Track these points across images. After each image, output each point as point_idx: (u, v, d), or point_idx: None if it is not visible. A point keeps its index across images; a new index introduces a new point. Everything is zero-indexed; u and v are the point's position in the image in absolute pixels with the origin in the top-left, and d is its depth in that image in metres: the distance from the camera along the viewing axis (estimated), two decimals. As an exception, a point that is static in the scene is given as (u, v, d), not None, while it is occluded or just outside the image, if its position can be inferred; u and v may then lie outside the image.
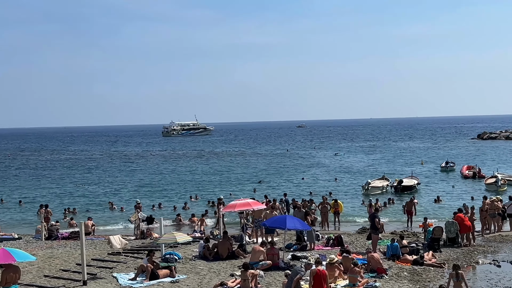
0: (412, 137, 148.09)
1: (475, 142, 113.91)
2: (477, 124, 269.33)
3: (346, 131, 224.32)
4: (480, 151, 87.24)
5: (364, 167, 66.52)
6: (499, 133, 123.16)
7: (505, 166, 61.22)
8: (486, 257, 21.59)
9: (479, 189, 44.62)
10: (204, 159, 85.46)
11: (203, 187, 50.62)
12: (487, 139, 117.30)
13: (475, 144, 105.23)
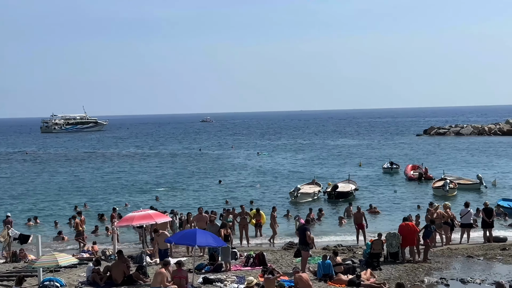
0: (348, 133, 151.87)
1: (421, 138, 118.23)
2: (423, 118, 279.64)
3: (268, 126, 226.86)
4: (427, 149, 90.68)
5: (291, 169, 67.51)
6: (448, 128, 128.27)
7: (456, 167, 64.01)
8: (432, 275, 22.43)
9: (426, 193, 46.37)
10: (93, 161, 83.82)
11: (93, 196, 49.65)
12: (435, 135, 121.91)
13: (421, 141, 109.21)
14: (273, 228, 30.44)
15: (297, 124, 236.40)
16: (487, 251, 25.84)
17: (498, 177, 53.77)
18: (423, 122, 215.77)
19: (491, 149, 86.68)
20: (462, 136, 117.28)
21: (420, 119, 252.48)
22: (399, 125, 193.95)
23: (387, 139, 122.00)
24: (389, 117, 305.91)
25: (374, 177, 57.98)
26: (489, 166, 63.99)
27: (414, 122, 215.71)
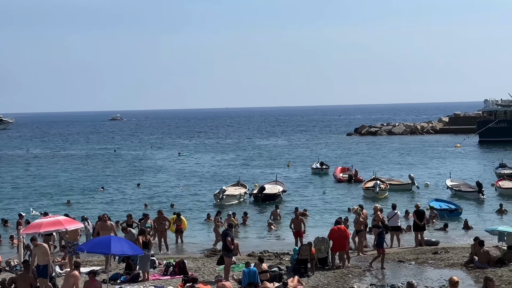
0: (275, 132, 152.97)
1: (352, 138, 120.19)
2: (354, 116, 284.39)
3: (188, 124, 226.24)
4: (358, 149, 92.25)
5: (215, 170, 67.49)
6: (380, 126, 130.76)
7: (388, 167, 65.36)
8: (362, 281, 22.79)
9: (356, 195, 47.16)
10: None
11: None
12: (366, 134, 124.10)
13: (352, 141, 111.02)
14: (217, 232, 30.31)
15: (220, 123, 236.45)
16: (419, 255, 26.44)
17: (431, 177, 55.30)
18: (354, 120, 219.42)
19: (423, 148, 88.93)
20: (394, 135, 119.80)
21: (349, 117, 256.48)
22: (329, 124, 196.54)
23: (316, 138, 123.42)
24: (319, 115, 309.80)
25: (303, 178, 58.57)
26: (421, 166, 65.64)
27: (344, 121, 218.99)
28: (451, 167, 63.60)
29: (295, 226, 28.16)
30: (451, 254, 26.63)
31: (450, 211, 37.46)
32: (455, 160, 72.18)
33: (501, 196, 44.53)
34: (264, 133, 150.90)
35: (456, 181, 47.84)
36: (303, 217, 36.32)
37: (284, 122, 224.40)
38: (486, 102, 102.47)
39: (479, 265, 24.00)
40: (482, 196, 43.31)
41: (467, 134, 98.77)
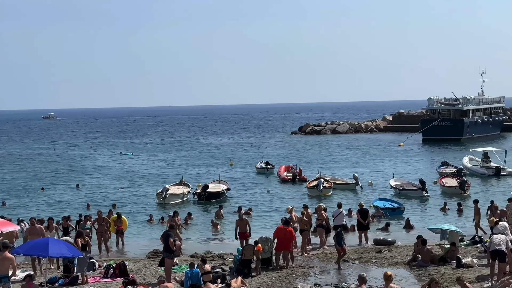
0: (218, 131, 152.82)
1: (297, 136, 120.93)
2: (299, 114, 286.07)
3: (129, 123, 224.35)
4: (302, 147, 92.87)
5: (157, 169, 67.14)
6: (325, 125, 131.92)
7: (332, 166, 66.01)
8: (306, 281, 23.01)
9: (301, 194, 47.52)
10: None
11: None
12: (311, 133, 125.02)
13: (296, 139, 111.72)
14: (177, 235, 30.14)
15: (163, 122, 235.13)
16: (363, 255, 26.81)
17: (375, 176, 56.09)
18: (298, 118, 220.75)
19: (367, 147, 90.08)
20: (339, 134, 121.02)
21: (293, 116, 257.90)
22: (273, 122, 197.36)
23: (260, 137, 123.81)
24: (263, 113, 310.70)
25: (247, 177, 58.72)
26: (365, 165, 66.48)
27: (288, 119, 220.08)
28: (394, 166, 64.63)
29: (240, 228, 27.61)
30: (394, 253, 27.10)
31: (392, 210, 38.05)
32: (398, 158, 73.31)
33: (445, 194, 45.43)
34: (207, 132, 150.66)
35: (399, 180, 48.59)
36: (248, 217, 36.48)
37: (227, 120, 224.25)
38: (429, 100, 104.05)
39: (422, 263, 24.48)
40: (426, 193, 44.14)
41: (410, 133, 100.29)
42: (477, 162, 57.07)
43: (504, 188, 47.42)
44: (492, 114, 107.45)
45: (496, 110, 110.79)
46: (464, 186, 45.09)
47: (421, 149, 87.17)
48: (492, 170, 54.25)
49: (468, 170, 54.86)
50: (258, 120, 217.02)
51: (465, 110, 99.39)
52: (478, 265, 23.52)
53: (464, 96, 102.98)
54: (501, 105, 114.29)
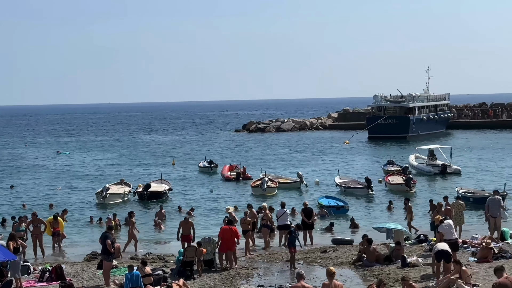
0: (159, 128, 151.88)
1: (240, 134, 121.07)
2: (242, 111, 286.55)
3: (65, 120, 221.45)
4: (247, 145, 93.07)
5: (96, 168, 66.46)
6: (269, 123, 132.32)
7: (277, 164, 66.31)
8: (250, 282, 23.06)
9: (245, 194, 47.73)
10: None
11: None
12: (255, 131, 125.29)
13: (240, 137, 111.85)
14: (133, 235, 29.81)
15: (102, 119, 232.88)
16: (307, 255, 26.99)
17: (320, 174, 56.58)
18: (241, 115, 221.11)
19: (312, 145, 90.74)
20: (283, 132, 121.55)
21: (236, 113, 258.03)
22: (216, 120, 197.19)
23: (203, 134, 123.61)
24: (206, 111, 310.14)
25: (190, 177, 58.56)
26: (311, 163, 66.97)
27: (231, 116, 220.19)
28: (340, 164, 65.24)
29: (184, 230, 27.28)
30: (340, 252, 27.35)
31: (336, 208, 38.47)
32: (344, 156, 74.02)
33: (391, 192, 46.05)
34: (147, 129, 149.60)
35: (344, 178, 49.11)
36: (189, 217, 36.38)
37: (168, 118, 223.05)
38: (375, 97, 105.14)
39: (367, 263, 24.77)
40: (371, 192, 44.68)
41: (356, 130, 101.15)
42: (423, 160, 57.95)
43: (449, 186, 48.26)
44: (438, 112, 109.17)
45: (442, 107, 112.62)
46: (410, 183, 45.79)
47: (367, 147, 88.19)
48: (438, 168, 55.15)
49: (414, 168, 55.67)
50: (200, 118, 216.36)
51: (411, 107, 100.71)
52: (423, 264, 23.89)
53: (409, 93, 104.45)
54: (446, 102, 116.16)
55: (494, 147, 79.71)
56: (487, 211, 29.15)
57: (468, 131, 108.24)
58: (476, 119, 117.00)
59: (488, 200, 29.60)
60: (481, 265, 23.16)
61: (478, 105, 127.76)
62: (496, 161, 64.23)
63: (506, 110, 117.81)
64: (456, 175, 54.14)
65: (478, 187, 44.30)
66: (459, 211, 29.52)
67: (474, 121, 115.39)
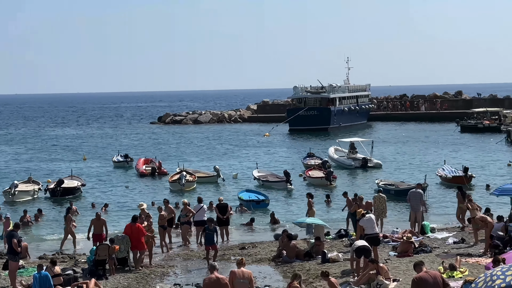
0: (68, 122, 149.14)
1: (156, 127, 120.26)
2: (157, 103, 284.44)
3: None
4: (163, 138, 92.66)
5: (1, 164, 64.97)
6: (186, 115, 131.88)
7: (195, 158, 66.25)
8: (165, 281, 23.02)
9: (162, 189, 47.68)
10: None
11: None
12: (171, 123, 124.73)
13: (156, 130, 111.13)
14: (71, 232, 29.24)
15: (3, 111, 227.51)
16: (225, 251, 27.08)
17: (239, 168, 56.85)
18: (155, 107, 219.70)
19: (231, 137, 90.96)
20: (201, 124, 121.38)
21: (150, 105, 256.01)
22: (130, 112, 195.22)
23: (116, 128, 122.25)
24: (118, 102, 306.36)
25: (104, 172, 57.95)
26: (229, 157, 67.20)
27: (145, 108, 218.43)
28: (259, 157, 65.63)
29: (96, 228, 26.90)
30: (259, 249, 27.56)
31: (257, 202, 38.74)
32: (264, 149, 74.47)
33: (311, 186, 46.61)
34: (56, 122, 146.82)
35: (263, 171, 49.48)
36: (104, 213, 36.00)
37: (78, 110, 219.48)
38: (295, 89, 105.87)
39: (287, 259, 25.02)
40: (290, 185, 45.11)
41: (276, 123, 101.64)
42: (343, 153, 58.78)
43: (370, 179, 49.16)
44: (359, 103, 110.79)
45: (363, 99, 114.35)
46: (330, 177, 46.45)
47: (288, 140, 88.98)
48: (359, 162, 56.02)
49: (334, 161, 56.43)
50: (113, 110, 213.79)
51: (332, 98, 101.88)
52: (343, 260, 24.29)
53: (330, 83, 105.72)
54: (367, 93, 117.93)
55: (414, 139, 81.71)
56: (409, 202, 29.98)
57: (389, 123, 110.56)
58: (396, 111, 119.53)
59: (410, 193, 30.32)
60: (401, 260, 23.70)
61: (399, 97, 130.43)
62: (415, 154, 65.86)
63: (427, 102, 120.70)
64: (377, 169, 55.16)
65: (399, 180, 45.27)
66: (381, 204, 30.04)
67: (394, 113, 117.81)
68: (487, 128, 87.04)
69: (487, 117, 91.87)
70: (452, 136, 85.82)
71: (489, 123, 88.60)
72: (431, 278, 15.08)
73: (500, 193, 31.54)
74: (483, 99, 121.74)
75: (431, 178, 45.32)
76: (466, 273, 21.05)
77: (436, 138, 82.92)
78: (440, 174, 46.04)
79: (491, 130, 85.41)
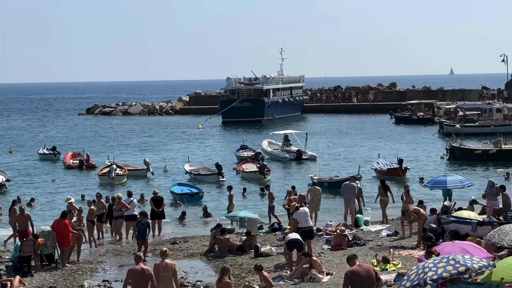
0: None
1: (84, 119, 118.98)
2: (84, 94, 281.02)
3: None
4: (92, 131, 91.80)
5: None
6: (115, 106, 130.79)
7: (126, 151, 65.83)
8: (94, 277, 22.82)
9: (91, 183, 47.22)
10: None
11: None
12: (100, 114, 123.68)
13: (84, 122, 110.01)
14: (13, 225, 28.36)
15: None
16: (156, 247, 26.91)
17: (170, 161, 56.68)
18: (84, 99, 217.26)
19: (162, 130, 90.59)
20: (131, 116, 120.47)
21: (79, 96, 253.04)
22: (56, 103, 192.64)
23: (42, 119, 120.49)
24: (41, 93, 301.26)
25: (30, 165, 57.12)
26: (160, 150, 66.94)
27: (74, 100, 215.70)
28: (192, 150, 65.63)
29: (20, 224, 26.55)
30: (191, 243, 27.53)
31: (190, 195, 38.69)
32: (197, 142, 74.44)
33: (244, 179, 46.74)
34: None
35: (195, 165, 49.42)
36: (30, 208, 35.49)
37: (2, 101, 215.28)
38: (228, 80, 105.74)
39: (220, 254, 25.05)
40: (222, 178, 45.17)
41: (209, 115, 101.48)
42: (277, 145, 59.08)
43: (305, 172, 49.57)
44: (293, 95, 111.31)
45: (297, 90, 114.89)
46: (264, 170, 46.59)
47: (221, 132, 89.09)
48: (293, 154, 56.36)
49: (268, 154, 56.68)
50: (37, 101, 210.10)
51: (266, 89, 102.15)
52: (277, 254, 24.41)
53: (264, 75, 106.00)
54: (301, 84, 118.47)
55: (348, 131, 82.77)
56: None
57: (323, 115, 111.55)
58: (329, 103, 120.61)
59: (343, 185, 30.67)
60: (335, 253, 23.96)
61: (333, 89, 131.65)
62: (350, 146, 66.73)
63: (359, 94, 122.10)
64: (311, 161, 55.67)
65: (333, 174, 45.78)
66: (316, 197, 30.12)
67: (328, 105, 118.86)
68: (421, 120, 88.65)
69: (421, 109, 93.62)
70: (387, 128, 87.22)
71: (423, 115, 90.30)
72: (364, 271, 15.30)
73: (432, 186, 32.33)
74: (416, 91, 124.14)
75: (366, 171, 46.01)
76: (399, 265, 21.44)
77: (370, 130, 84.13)
78: (375, 167, 46.68)
79: (425, 122, 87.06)
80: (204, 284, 21.78)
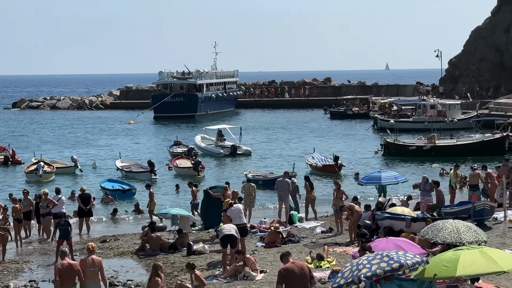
0: None
1: (10, 113, 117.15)
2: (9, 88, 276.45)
3: None
4: (17, 126, 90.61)
5: None
6: (43, 100, 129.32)
7: (53, 147, 64.94)
8: (20, 277, 22.51)
9: (18, 180, 46.74)
10: None
11: None
12: (26, 109, 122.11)
13: (10, 116, 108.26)
14: None
15: None
16: (85, 245, 26.57)
17: (101, 157, 56.17)
18: (8, 92, 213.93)
19: (92, 125, 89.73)
20: (59, 110, 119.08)
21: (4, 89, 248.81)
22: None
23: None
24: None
25: None
26: (90, 146, 66.30)
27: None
28: (124, 146, 65.14)
29: None
30: (121, 241, 27.34)
31: (122, 192, 38.42)
32: (128, 138, 73.94)
33: (179, 176, 46.54)
34: None
35: (126, 161, 49.04)
36: None
37: None
38: (160, 74, 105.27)
39: (151, 252, 24.91)
40: (155, 176, 44.91)
41: (141, 110, 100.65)
42: (211, 141, 58.97)
43: (240, 168, 49.64)
44: (227, 89, 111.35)
45: (231, 85, 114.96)
46: (198, 167, 46.42)
47: (153, 127, 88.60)
48: (228, 149, 56.34)
49: (201, 149, 56.56)
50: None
51: (199, 84, 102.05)
52: (210, 251, 24.39)
53: (197, 69, 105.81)
54: (235, 79, 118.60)
55: (283, 126, 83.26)
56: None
57: (257, 110, 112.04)
58: (263, 97, 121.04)
59: (277, 182, 30.70)
60: (269, 250, 24.02)
61: (267, 83, 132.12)
62: (284, 141, 67.13)
63: (293, 89, 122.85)
64: (246, 156, 55.79)
65: (267, 170, 45.98)
66: (250, 194, 30.03)
67: (262, 100, 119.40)
68: (356, 115, 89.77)
69: (356, 104, 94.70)
70: (322, 123, 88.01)
71: (358, 110, 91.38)
72: (298, 269, 15.36)
73: (367, 182, 32.74)
74: (352, 86, 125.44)
75: (301, 166, 46.28)
76: (333, 262, 21.61)
77: (305, 125, 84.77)
78: (310, 163, 46.95)
79: (360, 117, 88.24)
80: (135, 283, 21.65)
